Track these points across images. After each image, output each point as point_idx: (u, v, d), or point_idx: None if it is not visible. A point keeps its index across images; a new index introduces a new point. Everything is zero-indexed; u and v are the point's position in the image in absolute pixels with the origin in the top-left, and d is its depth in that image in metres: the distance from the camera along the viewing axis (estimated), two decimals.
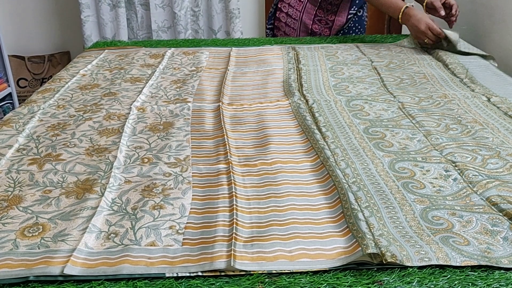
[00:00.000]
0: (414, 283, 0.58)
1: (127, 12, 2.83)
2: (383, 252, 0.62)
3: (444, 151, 0.90)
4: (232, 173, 0.83)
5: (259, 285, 0.59)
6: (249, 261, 0.62)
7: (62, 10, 2.98)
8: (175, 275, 0.61)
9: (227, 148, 0.92)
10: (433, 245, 0.64)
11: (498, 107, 1.09)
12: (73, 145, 0.95)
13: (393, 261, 0.60)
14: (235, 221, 0.70)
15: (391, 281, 0.59)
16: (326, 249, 0.65)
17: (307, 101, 1.15)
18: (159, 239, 0.67)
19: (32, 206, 0.75)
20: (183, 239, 0.67)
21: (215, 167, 0.86)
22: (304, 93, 1.21)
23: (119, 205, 0.75)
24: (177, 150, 0.93)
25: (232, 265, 0.61)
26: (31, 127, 1.04)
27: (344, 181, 0.79)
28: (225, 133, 0.99)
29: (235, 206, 0.73)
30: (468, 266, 0.61)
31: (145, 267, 0.62)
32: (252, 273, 0.61)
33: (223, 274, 0.61)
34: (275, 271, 0.61)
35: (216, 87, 1.29)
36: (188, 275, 0.61)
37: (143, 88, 1.27)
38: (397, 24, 2.81)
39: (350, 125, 1.02)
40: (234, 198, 0.75)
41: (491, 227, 0.69)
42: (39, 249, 0.65)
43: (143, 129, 1.03)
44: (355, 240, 0.65)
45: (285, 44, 1.69)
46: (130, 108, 1.13)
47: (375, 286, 0.58)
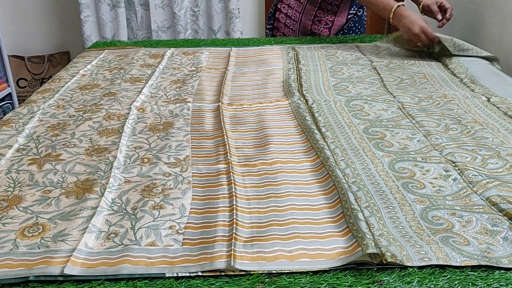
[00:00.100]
0: (414, 283, 0.58)
1: (127, 12, 2.83)
2: (383, 252, 0.62)
3: (444, 151, 0.90)
4: (232, 173, 0.83)
5: (259, 285, 0.59)
6: (249, 261, 0.62)
7: (62, 10, 2.98)
8: (175, 275, 0.61)
9: (227, 148, 0.92)
10: (433, 245, 0.64)
11: (498, 107, 1.09)
12: (73, 145, 0.95)
13: (393, 261, 0.60)
14: (235, 221, 0.70)
15: (391, 281, 0.59)
16: (326, 249, 0.65)
17: (307, 101, 1.15)
18: (159, 239, 0.67)
19: (32, 206, 0.75)
20: (183, 239, 0.67)
21: (215, 167, 0.86)
22: (304, 93, 1.21)
23: (119, 205, 0.75)
24: (177, 150, 0.93)
25: (232, 265, 0.61)
26: (31, 127, 1.04)
27: (344, 181, 0.79)
28: (225, 133, 0.99)
29: (235, 206, 0.73)
30: (468, 266, 0.61)
31: (145, 267, 0.62)
32: (252, 273, 0.61)
33: (223, 274, 0.61)
34: (275, 271, 0.61)
35: (216, 87, 1.29)
36: (188, 275, 0.61)
37: (143, 88, 1.27)
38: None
39: (350, 125, 1.02)
40: (234, 198, 0.75)
41: (491, 227, 0.69)
42: (39, 249, 0.65)
43: (143, 129, 1.03)
44: (355, 240, 0.65)
45: (285, 44, 1.69)
46: (130, 108, 1.13)
47: (375, 286, 0.58)
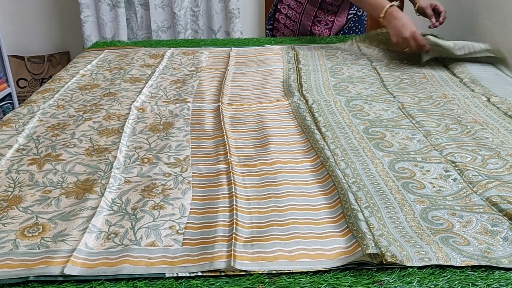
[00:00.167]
0: (414, 283, 0.58)
1: (127, 12, 2.83)
2: (383, 252, 0.62)
3: (444, 151, 0.90)
4: (232, 173, 0.83)
5: (259, 285, 0.59)
6: (249, 261, 0.62)
7: (62, 10, 2.98)
8: (175, 275, 0.61)
9: (227, 148, 0.92)
10: (433, 245, 0.64)
11: (498, 107, 1.09)
12: (73, 145, 0.95)
13: (393, 261, 0.60)
14: (235, 221, 0.70)
15: (391, 281, 0.59)
16: (326, 249, 0.65)
17: (307, 101, 1.15)
18: (159, 239, 0.67)
19: (32, 206, 0.75)
20: (183, 239, 0.67)
21: (215, 167, 0.86)
22: (304, 93, 1.21)
23: (119, 205, 0.75)
24: (177, 150, 0.93)
25: (232, 265, 0.61)
26: (31, 127, 1.04)
27: (344, 181, 0.79)
28: (225, 133, 0.99)
29: (235, 206, 0.73)
30: (468, 266, 0.61)
31: (145, 267, 0.62)
32: (252, 273, 0.61)
33: (223, 274, 0.61)
34: (275, 271, 0.61)
35: (216, 87, 1.29)
36: (188, 275, 0.61)
37: (142, 88, 1.27)
38: None
39: (350, 125, 1.02)
40: (234, 198, 0.75)
41: (491, 227, 0.69)
42: (39, 249, 0.65)
43: (143, 129, 1.03)
44: (355, 240, 0.65)
45: (285, 44, 1.69)
46: (130, 108, 1.13)
47: (375, 286, 0.58)
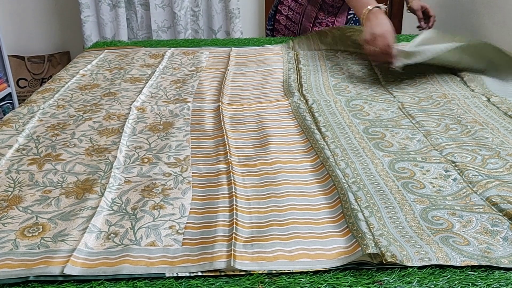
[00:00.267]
0: (414, 283, 0.58)
1: (127, 12, 2.83)
2: (383, 252, 0.62)
3: (444, 151, 0.90)
4: (232, 173, 0.83)
5: (259, 285, 0.59)
6: (249, 261, 0.62)
7: (62, 10, 2.98)
8: (175, 275, 0.61)
9: (227, 148, 0.92)
10: (433, 245, 0.64)
11: (498, 107, 1.09)
12: (73, 145, 0.95)
13: (393, 261, 0.60)
14: (235, 221, 0.70)
15: (391, 281, 0.59)
16: (326, 249, 0.65)
17: (306, 101, 1.15)
18: (159, 239, 0.67)
19: (32, 206, 0.75)
20: (183, 239, 0.67)
21: (215, 167, 0.86)
22: (304, 93, 1.21)
23: (119, 205, 0.75)
24: (177, 150, 0.93)
25: (232, 265, 0.61)
26: (31, 127, 1.04)
27: (344, 181, 0.78)
28: (225, 133, 0.99)
29: (235, 206, 0.73)
30: (468, 266, 0.61)
31: (145, 267, 0.62)
32: (252, 273, 0.61)
33: (223, 274, 0.61)
34: (275, 271, 0.61)
35: (216, 87, 1.29)
36: (188, 275, 0.61)
37: (143, 88, 1.27)
38: (397, 23, 2.82)
39: (349, 125, 1.02)
40: (234, 198, 0.75)
41: (491, 227, 0.69)
42: (39, 249, 0.65)
43: (143, 129, 1.03)
44: (355, 240, 0.65)
45: (285, 44, 1.69)
46: (130, 108, 1.13)
47: (375, 286, 0.58)
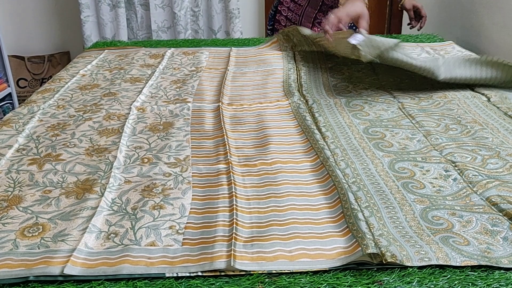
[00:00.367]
0: (414, 283, 0.58)
1: (127, 12, 2.83)
2: (383, 252, 0.62)
3: (444, 151, 0.90)
4: (232, 173, 0.83)
5: (259, 285, 0.59)
6: (249, 261, 0.62)
7: (62, 10, 2.97)
8: (175, 275, 0.61)
9: (227, 148, 0.92)
10: (433, 245, 0.64)
11: (498, 107, 1.09)
12: (73, 145, 0.95)
13: (393, 261, 0.60)
14: (235, 221, 0.70)
15: (391, 281, 0.59)
16: (326, 249, 0.65)
17: (306, 101, 1.15)
18: (159, 239, 0.67)
19: (32, 206, 0.75)
20: (183, 239, 0.67)
21: (215, 167, 0.86)
22: (304, 93, 1.21)
23: (119, 205, 0.75)
24: (177, 150, 0.93)
25: (232, 265, 0.61)
26: (31, 127, 1.04)
27: (344, 181, 0.78)
28: (225, 133, 0.99)
29: (235, 206, 0.73)
30: (468, 266, 0.61)
31: (145, 267, 0.62)
32: (252, 273, 0.61)
33: (223, 274, 0.61)
34: (275, 271, 0.61)
35: (216, 87, 1.29)
36: (188, 275, 0.61)
37: (143, 88, 1.27)
38: (397, 23, 2.82)
39: (350, 125, 1.02)
40: (234, 198, 0.75)
41: (491, 227, 0.69)
42: (39, 249, 0.65)
43: (143, 129, 1.03)
44: (355, 240, 0.65)
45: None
46: (130, 108, 1.13)
47: (375, 286, 0.58)
